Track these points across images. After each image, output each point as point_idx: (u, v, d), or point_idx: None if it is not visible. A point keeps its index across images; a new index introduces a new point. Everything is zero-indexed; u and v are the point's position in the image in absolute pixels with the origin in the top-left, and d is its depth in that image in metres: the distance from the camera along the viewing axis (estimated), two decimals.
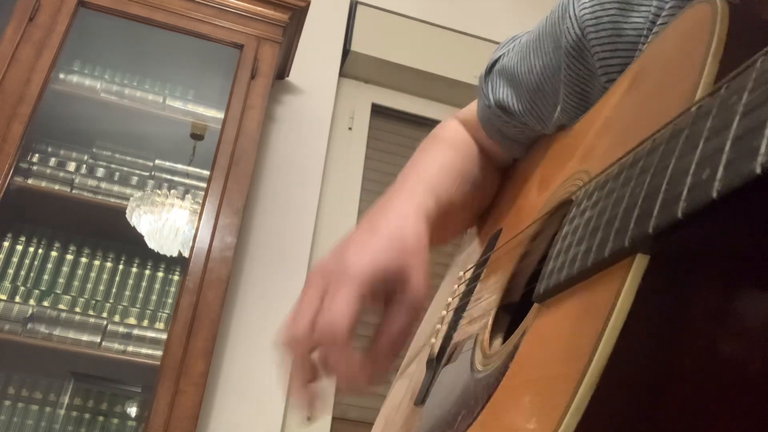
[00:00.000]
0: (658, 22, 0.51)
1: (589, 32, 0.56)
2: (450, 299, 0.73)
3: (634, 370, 0.30)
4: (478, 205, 0.77)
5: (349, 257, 0.53)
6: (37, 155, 2.04)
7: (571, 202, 0.44)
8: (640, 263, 0.31)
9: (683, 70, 0.36)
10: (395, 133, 2.50)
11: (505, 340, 0.53)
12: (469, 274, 0.71)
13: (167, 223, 1.96)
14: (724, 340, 0.30)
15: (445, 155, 0.74)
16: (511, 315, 0.56)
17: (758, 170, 0.23)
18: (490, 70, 0.73)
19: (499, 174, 0.80)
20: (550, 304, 0.41)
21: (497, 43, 0.76)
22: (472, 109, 0.79)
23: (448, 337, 0.65)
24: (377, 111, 2.51)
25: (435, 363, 0.64)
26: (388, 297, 0.54)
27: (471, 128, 0.79)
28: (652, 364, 0.30)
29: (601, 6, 0.56)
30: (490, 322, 0.56)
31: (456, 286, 0.73)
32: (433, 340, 0.68)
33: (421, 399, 0.63)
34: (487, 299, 0.59)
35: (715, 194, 0.25)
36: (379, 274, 0.52)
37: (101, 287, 2.01)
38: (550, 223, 0.53)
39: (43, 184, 1.96)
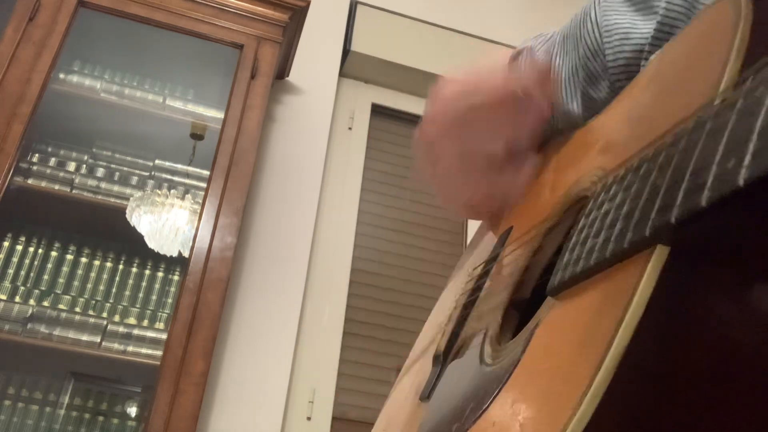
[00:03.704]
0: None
1: (603, 35, 0.57)
2: (458, 296, 0.72)
3: (652, 360, 0.30)
4: None
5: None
6: (37, 155, 2.03)
7: (587, 198, 0.44)
8: (660, 254, 0.30)
9: (706, 66, 0.36)
10: (395, 133, 2.50)
11: (515, 335, 0.53)
12: (478, 271, 0.71)
13: (167, 223, 1.96)
14: (743, 334, 0.29)
15: None
16: (521, 311, 0.56)
17: None
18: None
19: None
20: (565, 297, 0.41)
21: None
22: None
23: (455, 333, 0.65)
24: (377, 111, 2.51)
25: (442, 358, 0.64)
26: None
27: None
28: (670, 354, 0.30)
29: (615, 10, 0.56)
30: (500, 317, 0.55)
31: (464, 282, 0.73)
32: (439, 336, 0.68)
33: (426, 394, 0.62)
34: (497, 295, 0.59)
35: (741, 182, 0.24)
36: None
37: (101, 287, 2.00)
38: (565, 219, 0.53)
39: (43, 184, 1.95)
